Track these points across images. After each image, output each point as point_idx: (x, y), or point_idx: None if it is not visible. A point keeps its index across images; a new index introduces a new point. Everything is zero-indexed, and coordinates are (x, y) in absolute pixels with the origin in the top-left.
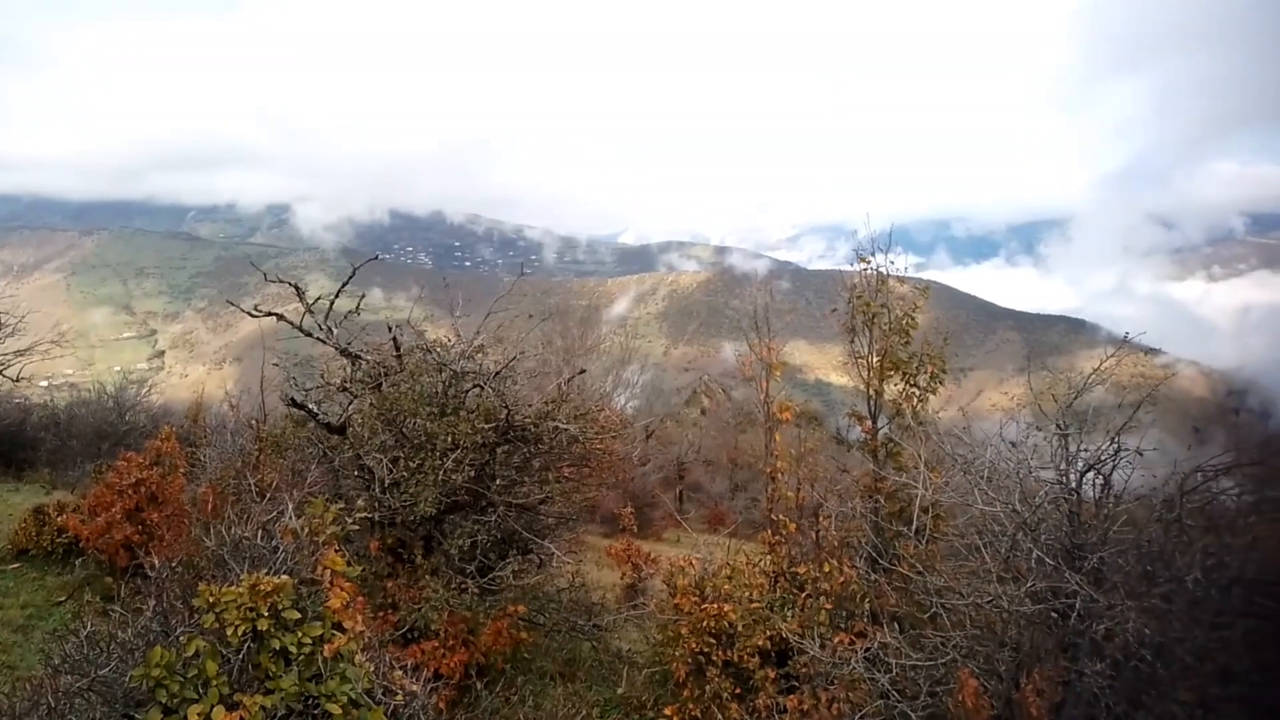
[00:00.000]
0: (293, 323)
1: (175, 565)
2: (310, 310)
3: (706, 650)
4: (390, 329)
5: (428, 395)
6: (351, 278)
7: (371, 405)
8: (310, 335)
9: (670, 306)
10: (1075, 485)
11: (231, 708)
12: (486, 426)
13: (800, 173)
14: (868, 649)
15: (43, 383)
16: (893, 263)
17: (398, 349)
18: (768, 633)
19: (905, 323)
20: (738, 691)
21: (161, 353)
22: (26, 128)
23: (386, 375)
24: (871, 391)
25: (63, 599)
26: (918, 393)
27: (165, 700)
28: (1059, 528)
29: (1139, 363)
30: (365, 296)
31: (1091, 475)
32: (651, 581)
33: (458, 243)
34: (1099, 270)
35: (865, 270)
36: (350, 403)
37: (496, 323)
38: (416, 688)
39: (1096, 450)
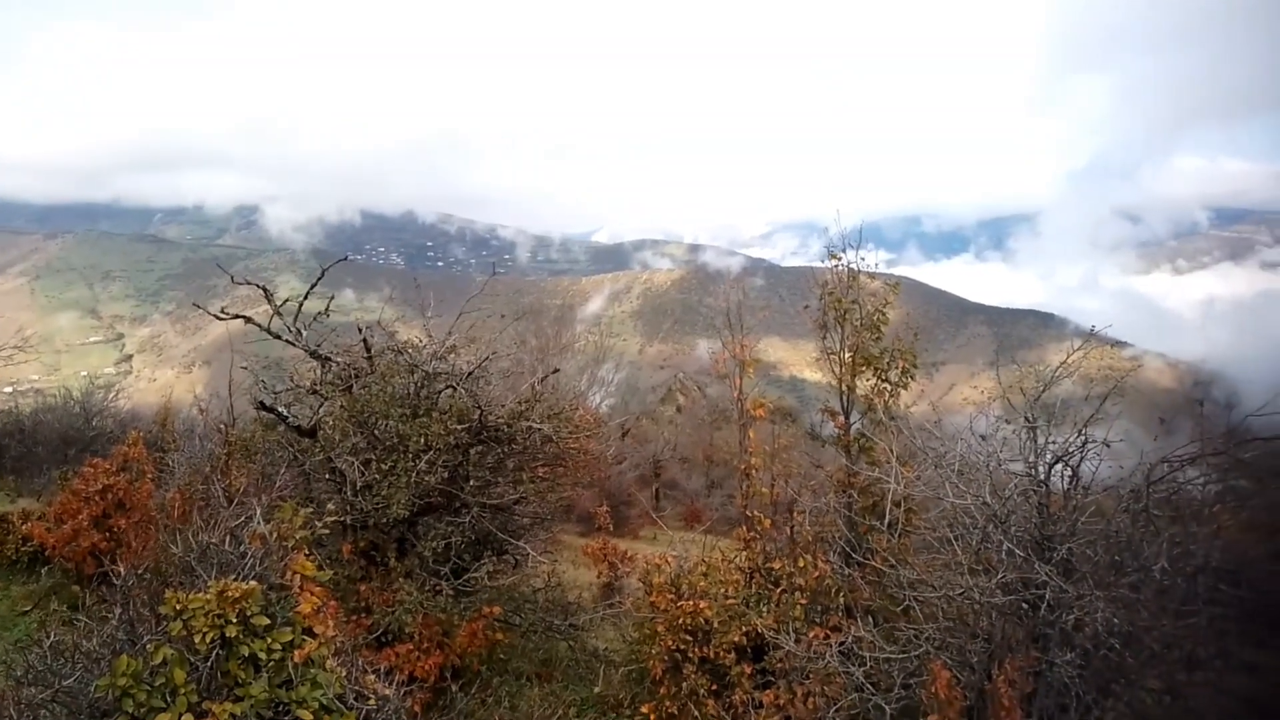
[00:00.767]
0: (260, 325)
1: (142, 572)
2: (279, 312)
3: (683, 647)
4: (360, 330)
5: (399, 397)
6: (321, 278)
7: (342, 407)
8: (279, 338)
9: (645, 305)
10: (1044, 477)
11: (200, 716)
12: (459, 427)
13: (773, 170)
14: (842, 643)
15: (7, 388)
16: (863, 259)
17: (368, 350)
18: (743, 628)
19: (876, 318)
20: (714, 688)
21: (129, 357)
22: None
23: (357, 377)
24: (844, 387)
25: (28, 608)
26: (889, 388)
27: (132, 710)
28: (1028, 519)
29: (1107, 355)
30: (335, 298)
31: (1060, 467)
32: (628, 580)
33: (430, 242)
34: (1067, 265)
35: (836, 267)
36: (321, 405)
37: (469, 323)
38: (389, 692)
39: (1064, 442)
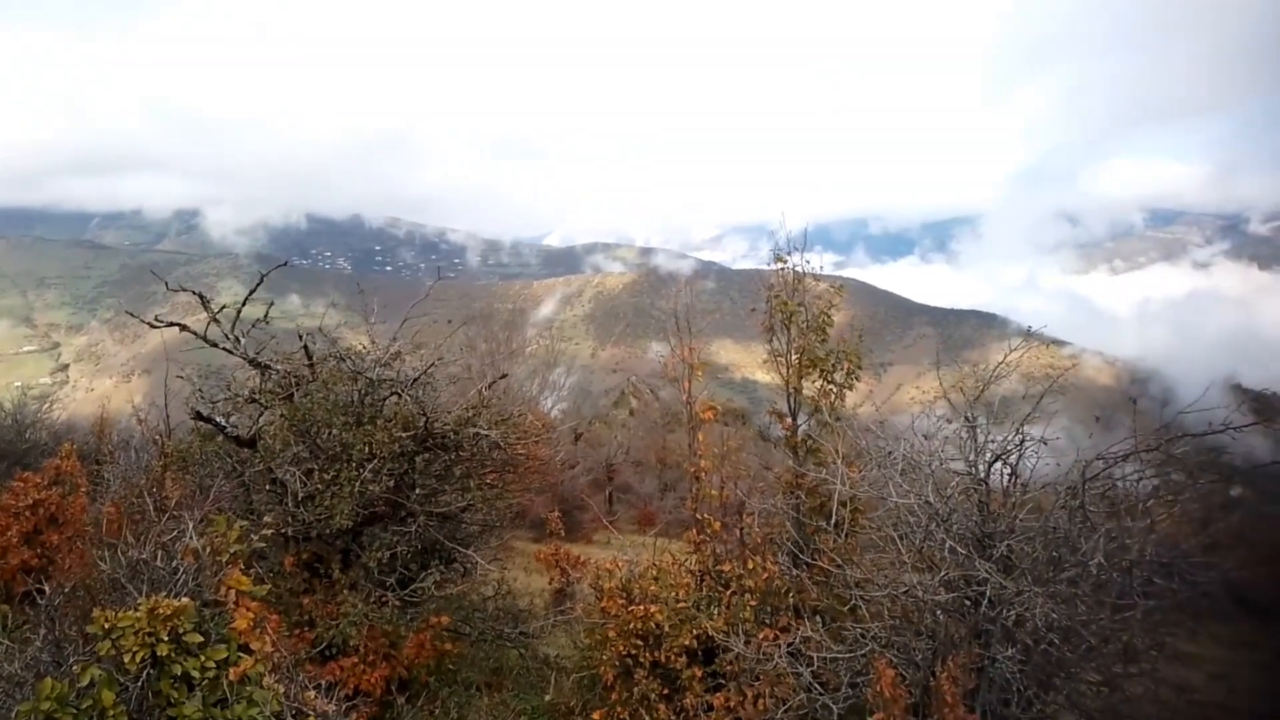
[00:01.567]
0: (196, 332)
1: (69, 590)
2: (216, 319)
3: (634, 652)
4: (301, 337)
5: (342, 404)
6: (260, 283)
7: (283, 416)
8: (215, 345)
9: (597, 308)
10: (984, 475)
11: None
12: (405, 435)
13: (723, 173)
14: (791, 644)
15: None
16: (809, 262)
17: (310, 357)
18: (694, 632)
19: (821, 320)
20: (665, 692)
21: (65, 366)
22: None
23: (299, 385)
24: (791, 389)
25: None
26: (835, 389)
27: None
28: (969, 517)
29: (1047, 354)
30: (275, 304)
31: (999, 465)
32: (580, 585)
33: (378, 246)
34: (1009, 265)
35: (782, 270)
36: (261, 414)
37: (416, 328)
38: (330, 707)
39: (1003, 441)
